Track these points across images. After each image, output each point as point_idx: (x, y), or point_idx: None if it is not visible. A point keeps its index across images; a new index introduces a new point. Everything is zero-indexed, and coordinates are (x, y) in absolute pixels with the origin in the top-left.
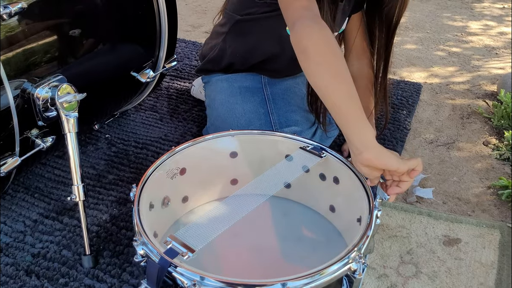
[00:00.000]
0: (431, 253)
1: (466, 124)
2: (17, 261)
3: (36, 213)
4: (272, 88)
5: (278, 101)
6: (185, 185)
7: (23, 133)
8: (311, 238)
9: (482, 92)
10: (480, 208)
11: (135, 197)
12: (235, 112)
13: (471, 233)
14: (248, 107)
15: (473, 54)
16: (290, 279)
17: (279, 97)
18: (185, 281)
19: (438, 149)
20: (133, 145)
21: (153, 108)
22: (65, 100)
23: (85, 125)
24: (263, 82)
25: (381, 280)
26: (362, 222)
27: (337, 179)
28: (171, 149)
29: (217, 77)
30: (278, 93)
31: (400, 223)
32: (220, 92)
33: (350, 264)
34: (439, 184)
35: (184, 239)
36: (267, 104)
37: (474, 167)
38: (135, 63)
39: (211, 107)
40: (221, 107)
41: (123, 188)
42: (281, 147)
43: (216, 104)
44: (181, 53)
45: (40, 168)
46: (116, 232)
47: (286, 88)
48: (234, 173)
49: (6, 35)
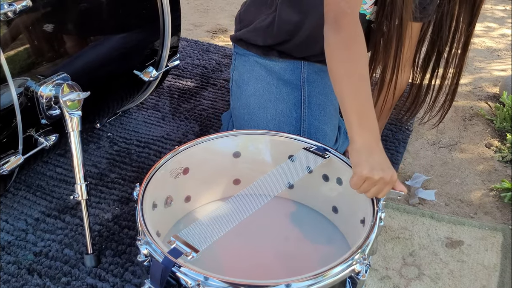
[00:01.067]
0: (434, 255)
1: (468, 126)
2: (19, 259)
3: (38, 211)
4: (310, 87)
5: (313, 106)
6: (188, 185)
7: (26, 131)
8: (313, 238)
9: (484, 94)
10: (482, 211)
11: (138, 197)
12: (266, 111)
13: (474, 235)
14: (281, 108)
15: (475, 56)
16: (294, 280)
17: (315, 102)
18: (189, 281)
19: (441, 151)
20: (135, 144)
21: (155, 107)
22: (69, 98)
23: (87, 124)
24: (302, 78)
25: (384, 281)
26: (366, 224)
27: (341, 180)
28: (174, 149)
29: (255, 58)
30: (315, 94)
31: (403, 225)
32: (256, 80)
33: (354, 266)
34: (442, 186)
35: (188, 239)
36: (301, 108)
37: (476, 169)
38: (138, 61)
39: (241, 88)
40: (253, 99)
41: (125, 187)
42: (285, 147)
43: (248, 92)
44: (183, 52)
45: (42, 166)
46: (118, 231)
47: (324, 89)
48: (237, 173)
49: (11, 32)
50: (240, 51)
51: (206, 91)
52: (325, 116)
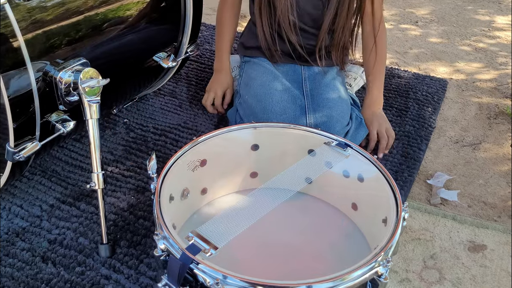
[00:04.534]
0: (456, 258)
1: (493, 125)
2: (33, 246)
3: (53, 197)
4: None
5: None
6: (205, 176)
7: (44, 117)
8: (331, 235)
9: (509, 91)
10: (506, 214)
11: (156, 189)
12: (273, 97)
13: (497, 239)
14: (286, 97)
15: (500, 51)
16: (315, 282)
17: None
18: (208, 279)
19: (464, 150)
20: (151, 131)
21: (172, 93)
22: (88, 85)
23: (104, 109)
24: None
25: (403, 284)
26: (389, 224)
27: (362, 177)
28: (194, 140)
29: (262, 61)
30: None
31: (424, 226)
32: (262, 74)
33: (377, 268)
34: (464, 186)
35: (207, 235)
36: (305, 98)
37: (500, 170)
38: (158, 47)
39: (248, 85)
40: (260, 89)
41: (141, 175)
42: (305, 141)
43: (256, 84)
44: (201, 38)
45: (57, 151)
46: (133, 222)
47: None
48: (255, 166)
49: (30, 16)
50: (246, 59)
51: None
52: (329, 102)
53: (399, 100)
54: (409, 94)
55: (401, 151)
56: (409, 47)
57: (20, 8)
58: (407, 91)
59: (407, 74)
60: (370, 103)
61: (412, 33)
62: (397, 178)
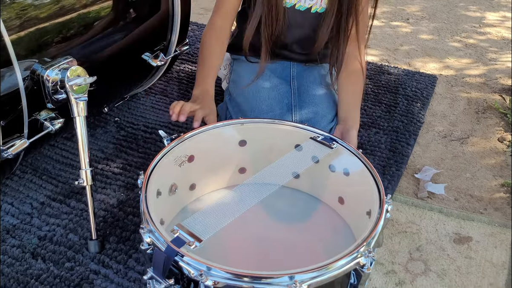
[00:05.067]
0: (441, 250)
1: (481, 119)
2: (24, 243)
3: (44, 195)
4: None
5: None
6: (193, 172)
7: (32, 115)
8: (318, 229)
9: (498, 86)
10: (492, 206)
11: (143, 184)
12: (259, 95)
13: (483, 231)
14: (273, 94)
15: (490, 47)
16: (297, 272)
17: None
18: (192, 271)
19: (452, 144)
20: (142, 129)
21: (163, 92)
22: (75, 83)
23: (94, 108)
24: (291, 76)
25: (389, 276)
26: (372, 216)
27: (347, 171)
28: (180, 136)
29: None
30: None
31: (410, 219)
32: (251, 72)
33: (359, 259)
34: (452, 180)
35: (192, 228)
36: (292, 97)
37: (488, 163)
38: (147, 46)
39: (236, 83)
40: (248, 87)
41: (131, 173)
42: (291, 136)
43: (244, 83)
44: (193, 37)
45: (48, 149)
46: (123, 218)
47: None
48: (243, 162)
49: (18, 14)
50: (236, 57)
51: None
52: (315, 99)
53: (389, 96)
54: (398, 90)
55: (390, 146)
56: (399, 44)
57: (8, 7)
58: (396, 87)
59: (397, 70)
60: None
61: (403, 30)
62: (385, 173)
